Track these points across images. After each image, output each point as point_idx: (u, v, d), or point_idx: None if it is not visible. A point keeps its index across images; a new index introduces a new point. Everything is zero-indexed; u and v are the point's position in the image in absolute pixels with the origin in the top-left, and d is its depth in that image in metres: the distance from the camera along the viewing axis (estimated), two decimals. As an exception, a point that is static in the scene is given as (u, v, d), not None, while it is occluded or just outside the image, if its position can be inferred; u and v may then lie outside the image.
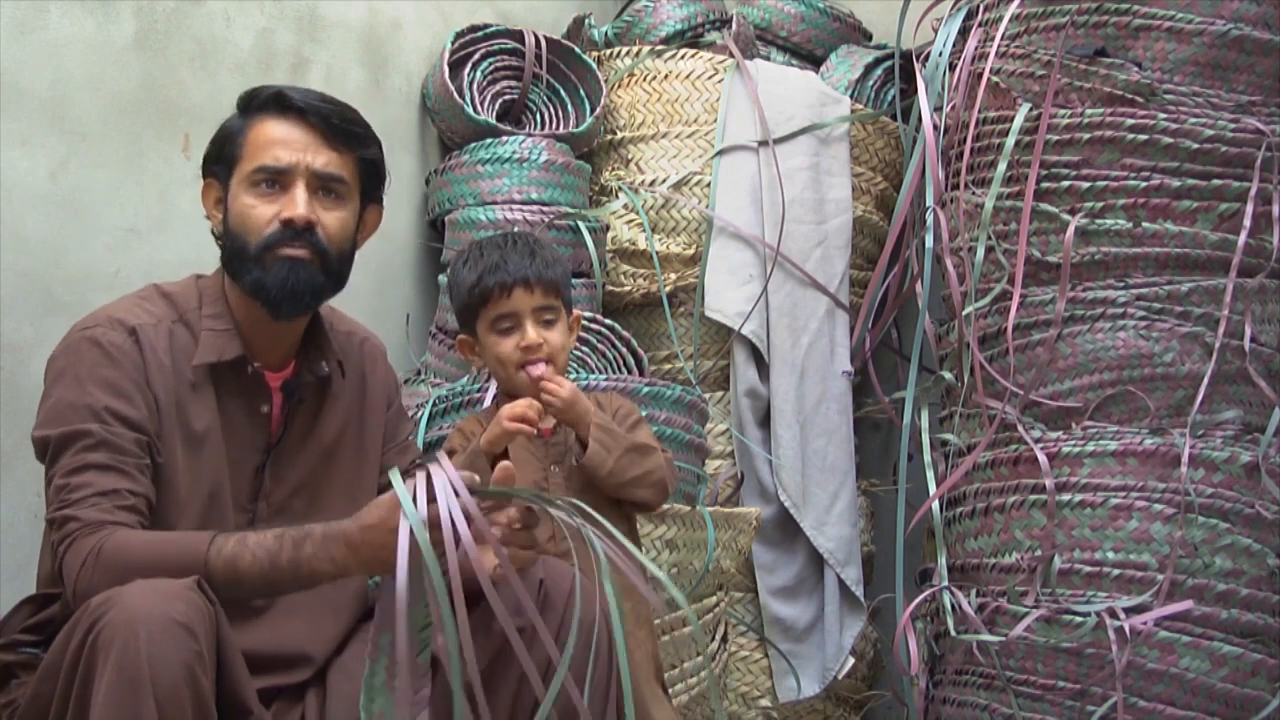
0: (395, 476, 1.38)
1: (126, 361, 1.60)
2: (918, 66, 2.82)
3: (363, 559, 1.44)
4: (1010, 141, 2.48)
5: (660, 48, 3.01)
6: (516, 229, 2.19)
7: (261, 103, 1.70)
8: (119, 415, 1.56)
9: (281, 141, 1.67)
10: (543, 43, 2.93)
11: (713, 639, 2.43)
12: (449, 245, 2.74)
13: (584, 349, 2.62)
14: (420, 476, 1.36)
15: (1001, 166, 2.49)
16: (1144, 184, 2.38)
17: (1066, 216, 2.42)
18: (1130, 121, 2.39)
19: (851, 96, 3.06)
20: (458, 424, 2.04)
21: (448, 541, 1.30)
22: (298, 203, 1.66)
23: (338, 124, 1.70)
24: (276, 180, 1.66)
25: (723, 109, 2.91)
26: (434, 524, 1.32)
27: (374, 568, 1.45)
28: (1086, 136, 2.42)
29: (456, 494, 1.34)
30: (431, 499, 1.35)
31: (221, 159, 1.70)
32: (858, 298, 3.01)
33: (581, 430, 1.89)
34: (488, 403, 2.45)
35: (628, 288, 2.87)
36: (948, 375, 2.61)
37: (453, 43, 2.82)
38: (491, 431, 1.86)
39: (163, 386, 1.61)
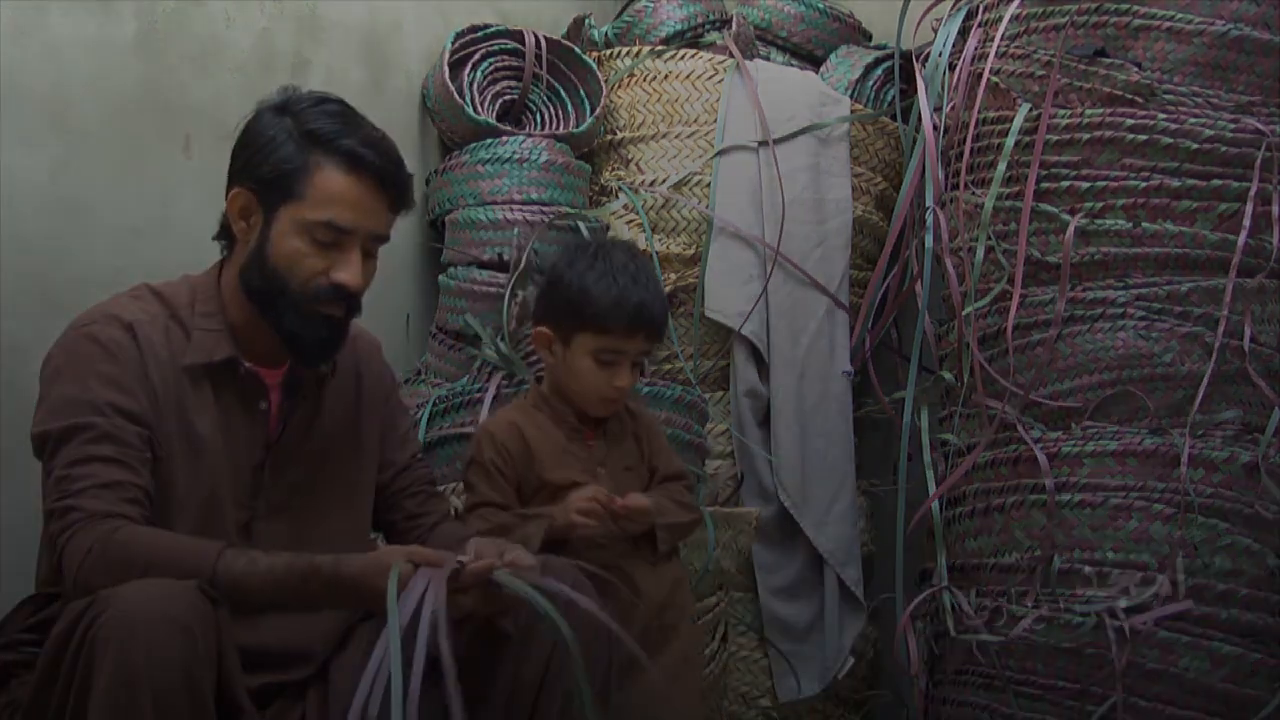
0: (393, 585, 1.40)
1: (125, 356, 1.60)
2: (918, 66, 2.82)
3: (365, 607, 1.51)
4: (1010, 141, 2.48)
5: (660, 48, 3.01)
6: (612, 244, 2.08)
7: (335, 151, 1.65)
8: (120, 409, 1.56)
9: (352, 203, 1.65)
10: (543, 43, 2.93)
11: (713, 639, 2.44)
12: (449, 245, 2.74)
13: (584, 349, 2.61)
14: (414, 585, 1.41)
15: (1001, 166, 2.49)
16: (1144, 184, 2.38)
17: (1066, 216, 2.42)
18: (1130, 121, 2.39)
19: (851, 96, 3.06)
20: (488, 428, 2.02)
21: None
22: (356, 272, 1.65)
23: (403, 189, 1.70)
24: (334, 236, 1.65)
25: (723, 109, 2.91)
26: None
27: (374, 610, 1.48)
28: (1086, 136, 2.42)
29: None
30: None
31: (274, 185, 1.65)
32: (858, 298, 3.01)
33: (644, 529, 1.94)
34: (487, 403, 2.46)
35: (628, 288, 2.86)
36: (948, 375, 2.61)
37: (453, 43, 2.82)
38: (560, 520, 1.88)
39: (161, 382, 1.62)
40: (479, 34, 2.88)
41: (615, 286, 1.93)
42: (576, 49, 2.99)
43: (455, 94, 2.75)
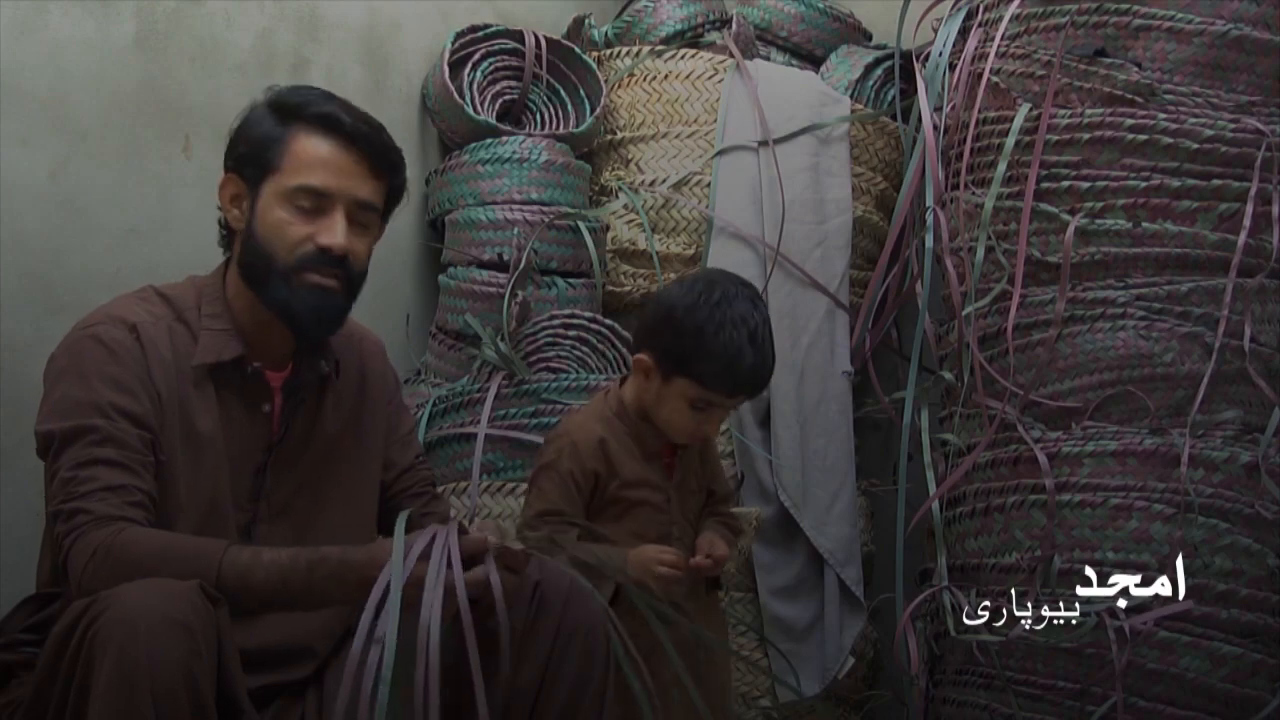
0: (399, 529, 1.40)
1: (128, 357, 1.60)
2: (918, 66, 2.82)
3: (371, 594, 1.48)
4: (1010, 141, 2.48)
5: (660, 48, 3.01)
6: (736, 291, 1.93)
7: (308, 117, 1.67)
8: (124, 411, 1.57)
9: (327, 164, 1.66)
10: (543, 43, 2.93)
11: (713, 639, 2.44)
12: (449, 245, 2.74)
13: (584, 349, 2.62)
14: (423, 536, 1.41)
15: (1001, 166, 2.49)
16: (1144, 184, 2.38)
17: (1066, 216, 2.42)
18: (1130, 121, 2.39)
19: (851, 96, 3.06)
20: (573, 438, 1.97)
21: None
22: (338, 233, 1.65)
23: (382, 152, 1.70)
24: (315, 201, 1.65)
25: (723, 109, 2.91)
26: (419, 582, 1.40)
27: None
28: (1086, 136, 2.42)
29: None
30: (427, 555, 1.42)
31: (255, 162, 1.68)
32: (858, 298, 3.01)
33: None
34: (488, 404, 2.46)
35: (628, 288, 2.87)
36: (948, 375, 2.61)
37: (453, 43, 2.82)
38: (635, 576, 1.86)
39: (165, 383, 1.62)
40: (479, 34, 2.88)
41: (731, 347, 1.86)
42: (576, 49, 2.99)
43: (455, 94, 2.76)
